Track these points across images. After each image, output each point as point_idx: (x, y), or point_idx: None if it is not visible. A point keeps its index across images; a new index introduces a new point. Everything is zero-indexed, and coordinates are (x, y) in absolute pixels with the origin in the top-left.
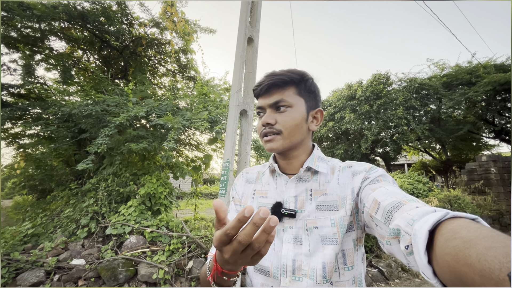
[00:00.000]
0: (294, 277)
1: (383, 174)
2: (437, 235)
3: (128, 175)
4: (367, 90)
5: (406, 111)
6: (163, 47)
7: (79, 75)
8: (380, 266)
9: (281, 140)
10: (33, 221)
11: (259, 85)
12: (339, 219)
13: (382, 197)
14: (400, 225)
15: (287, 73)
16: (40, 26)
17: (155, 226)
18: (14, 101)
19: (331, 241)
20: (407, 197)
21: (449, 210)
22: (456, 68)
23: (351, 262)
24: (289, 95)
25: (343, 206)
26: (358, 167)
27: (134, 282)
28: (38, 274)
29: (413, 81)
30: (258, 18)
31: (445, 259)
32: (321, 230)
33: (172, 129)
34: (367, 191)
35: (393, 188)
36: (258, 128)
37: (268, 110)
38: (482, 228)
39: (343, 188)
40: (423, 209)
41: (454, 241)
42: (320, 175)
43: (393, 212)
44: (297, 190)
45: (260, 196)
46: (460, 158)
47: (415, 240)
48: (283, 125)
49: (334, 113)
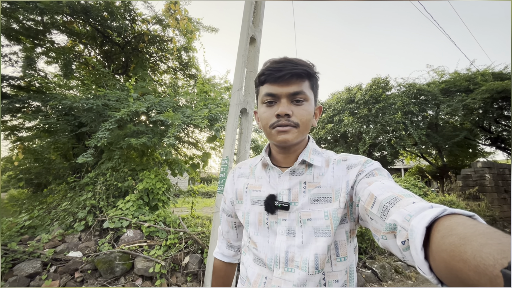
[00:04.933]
0: (286, 268)
1: (379, 167)
2: (434, 232)
3: (127, 170)
4: (366, 94)
5: (404, 116)
6: (165, 44)
7: (79, 69)
8: (373, 267)
9: (296, 133)
10: (30, 213)
11: (278, 70)
12: (333, 211)
13: (378, 191)
14: (397, 220)
15: (307, 65)
16: (43, 19)
17: (152, 221)
18: (14, 93)
19: (324, 233)
20: (403, 192)
21: (447, 207)
22: (455, 75)
23: (344, 253)
24: (306, 88)
25: (337, 198)
26: (353, 160)
27: (130, 275)
28: (35, 265)
29: (412, 86)
30: (261, 18)
31: (441, 255)
32: (314, 222)
33: (172, 126)
34: (363, 185)
35: (389, 182)
36: (267, 117)
37: (283, 100)
38: (478, 225)
39: (337, 181)
40: (420, 205)
41: (451, 237)
42: (314, 168)
43: (389, 207)
44: (291, 182)
45: (253, 190)
46: (456, 164)
47: (412, 236)
48: (300, 118)
49: (333, 115)
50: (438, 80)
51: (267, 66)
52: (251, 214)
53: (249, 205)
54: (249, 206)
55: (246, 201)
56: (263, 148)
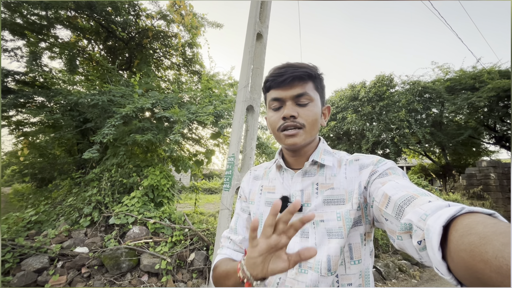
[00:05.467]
0: (300, 270)
1: (392, 166)
2: (452, 231)
3: (132, 166)
4: (370, 91)
5: (408, 113)
6: (169, 40)
7: (83, 64)
8: (378, 265)
9: (303, 134)
10: (36, 208)
11: (280, 76)
12: (345, 213)
13: (392, 191)
14: (412, 220)
15: (308, 67)
16: (47, 14)
17: (158, 218)
18: (19, 88)
19: (337, 234)
20: (419, 190)
21: (465, 205)
22: (460, 73)
23: (358, 256)
24: (310, 89)
25: (350, 200)
26: (365, 160)
27: (136, 271)
28: (42, 260)
29: (416, 84)
30: (267, 14)
31: (460, 255)
32: (327, 224)
33: (178, 122)
34: (376, 185)
35: (403, 181)
36: (274, 121)
37: (288, 103)
38: (499, 224)
39: (350, 182)
40: (436, 204)
41: (470, 236)
42: (326, 168)
43: (404, 206)
44: (303, 184)
45: (267, 192)
46: (460, 162)
47: (429, 235)
48: (306, 119)
49: (336, 113)
50: (443, 77)
51: (270, 73)
52: (264, 215)
53: (263, 206)
54: (263, 207)
55: (259, 203)
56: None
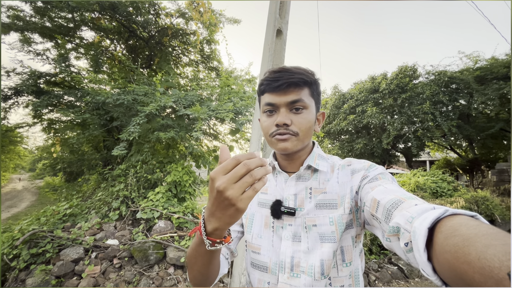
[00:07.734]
0: (292, 274)
1: (383, 172)
2: (437, 233)
3: (155, 162)
4: (392, 83)
5: (433, 106)
6: (187, 37)
7: (106, 63)
8: (400, 264)
9: (296, 141)
10: (69, 201)
11: (275, 80)
12: (338, 217)
13: (381, 196)
14: (400, 222)
15: (304, 73)
16: (73, 16)
17: (181, 213)
18: (49, 89)
19: (329, 239)
20: (406, 194)
21: (448, 208)
22: (492, 61)
23: (350, 259)
24: (305, 96)
25: (342, 204)
26: (357, 165)
27: (163, 264)
28: (78, 251)
29: (442, 74)
30: (287, 9)
31: (444, 256)
32: (319, 228)
33: (198, 119)
34: (367, 190)
35: (392, 186)
36: (267, 126)
37: (282, 109)
38: (481, 226)
39: (342, 186)
40: (422, 207)
41: (454, 238)
42: (320, 173)
43: (392, 210)
44: (297, 188)
45: (260, 192)
46: (489, 157)
47: (415, 237)
48: (299, 127)
49: (355, 106)
50: (472, 66)
51: (266, 76)
52: (257, 215)
53: (255, 207)
54: (255, 207)
55: (252, 203)
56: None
